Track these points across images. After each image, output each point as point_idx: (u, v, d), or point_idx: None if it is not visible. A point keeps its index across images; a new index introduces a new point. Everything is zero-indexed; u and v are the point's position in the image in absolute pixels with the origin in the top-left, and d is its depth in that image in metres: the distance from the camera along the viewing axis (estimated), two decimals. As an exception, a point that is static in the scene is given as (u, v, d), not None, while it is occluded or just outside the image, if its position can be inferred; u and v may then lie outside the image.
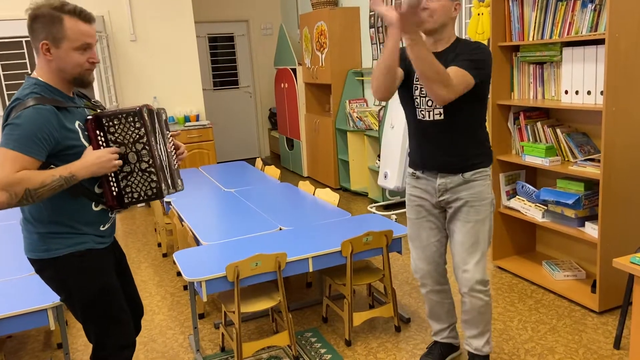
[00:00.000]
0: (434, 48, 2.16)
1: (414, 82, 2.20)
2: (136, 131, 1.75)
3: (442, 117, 2.16)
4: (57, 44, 1.65)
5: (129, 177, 1.77)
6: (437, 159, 2.22)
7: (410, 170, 2.35)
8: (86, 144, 1.71)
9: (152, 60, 6.05)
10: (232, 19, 7.65)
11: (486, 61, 2.09)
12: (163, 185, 1.79)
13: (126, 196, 1.78)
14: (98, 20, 5.50)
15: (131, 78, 5.99)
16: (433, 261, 2.36)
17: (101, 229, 1.81)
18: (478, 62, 2.05)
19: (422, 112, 2.20)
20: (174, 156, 1.94)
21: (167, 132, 1.92)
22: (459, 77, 1.99)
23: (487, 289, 2.25)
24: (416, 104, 2.21)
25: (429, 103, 2.17)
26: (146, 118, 1.76)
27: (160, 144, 1.83)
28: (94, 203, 1.77)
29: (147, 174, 1.77)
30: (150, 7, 5.95)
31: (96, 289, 1.79)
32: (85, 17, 1.69)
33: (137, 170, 1.77)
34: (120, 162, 1.73)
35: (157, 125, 1.83)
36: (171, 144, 1.93)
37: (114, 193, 1.77)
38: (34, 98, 1.61)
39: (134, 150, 1.76)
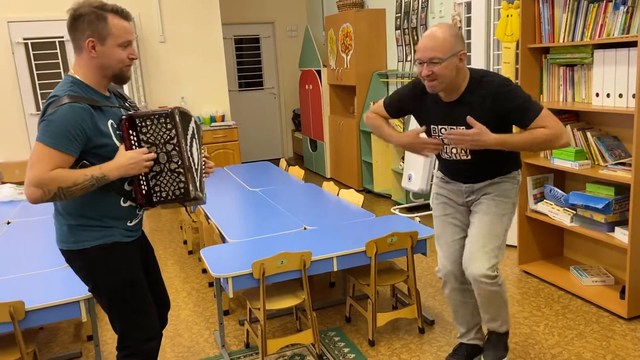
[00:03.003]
0: (448, 98, 2.15)
1: (432, 134, 2.26)
2: (167, 132, 1.79)
3: (468, 157, 2.20)
4: (103, 41, 1.71)
5: (159, 176, 1.80)
6: (465, 179, 2.30)
7: (440, 174, 2.40)
8: (118, 143, 1.76)
9: (180, 61, 6.15)
10: (258, 21, 7.72)
11: (521, 89, 2.11)
12: (190, 186, 1.82)
13: (155, 195, 1.81)
14: (128, 22, 5.63)
15: (160, 78, 6.10)
16: (455, 259, 2.35)
17: (128, 224, 1.86)
18: (527, 99, 2.07)
19: (446, 153, 2.25)
20: (204, 166, 1.99)
21: (201, 140, 1.98)
22: (547, 119, 2.06)
23: (494, 281, 2.21)
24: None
25: (453, 151, 2.22)
26: (177, 120, 1.79)
27: (190, 147, 1.86)
28: (122, 199, 1.81)
29: (175, 174, 1.81)
30: (179, 10, 6.06)
31: (121, 281, 1.84)
32: (125, 15, 1.76)
33: (166, 170, 1.80)
34: (151, 163, 1.77)
35: (189, 128, 1.87)
36: (203, 154, 1.99)
37: (144, 192, 1.81)
38: (69, 95, 1.66)
39: (164, 150, 1.79)
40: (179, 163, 1.80)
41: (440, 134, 2.22)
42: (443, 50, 2.01)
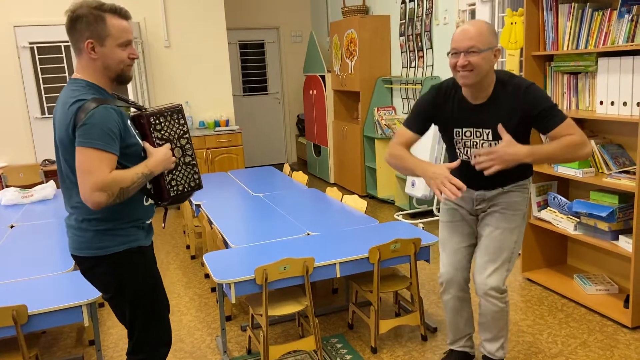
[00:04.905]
0: (475, 100, 2.13)
1: (455, 136, 2.21)
2: (180, 127, 1.82)
3: None
4: (102, 41, 1.69)
5: (174, 171, 1.84)
6: (478, 182, 2.23)
7: None
8: (140, 141, 1.77)
9: (184, 66, 6.17)
10: (263, 26, 7.75)
11: (546, 93, 2.10)
12: (200, 176, 1.89)
13: (172, 189, 1.84)
14: (134, 27, 5.65)
15: (164, 83, 6.12)
16: (460, 267, 2.34)
17: (146, 222, 1.88)
18: (554, 104, 2.04)
19: (466, 155, 2.21)
20: None
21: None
22: (573, 128, 2.02)
23: (503, 296, 2.23)
24: (457, 148, 2.23)
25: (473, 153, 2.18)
26: (185, 114, 1.82)
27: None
28: (145, 198, 1.84)
29: (190, 167, 1.85)
30: (184, 15, 6.09)
31: (148, 285, 1.85)
32: (124, 14, 1.75)
33: (181, 164, 1.84)
34: (175, 158, 1.81)
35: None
36: None
37: (167, 187, 1.84)
38: (95, 99, 1.65)
39: (179, 145, 1.83)
40: (193, 155, 1.85)
41: (464, 137, 2.17)
42: (481, 40, 1.99)
